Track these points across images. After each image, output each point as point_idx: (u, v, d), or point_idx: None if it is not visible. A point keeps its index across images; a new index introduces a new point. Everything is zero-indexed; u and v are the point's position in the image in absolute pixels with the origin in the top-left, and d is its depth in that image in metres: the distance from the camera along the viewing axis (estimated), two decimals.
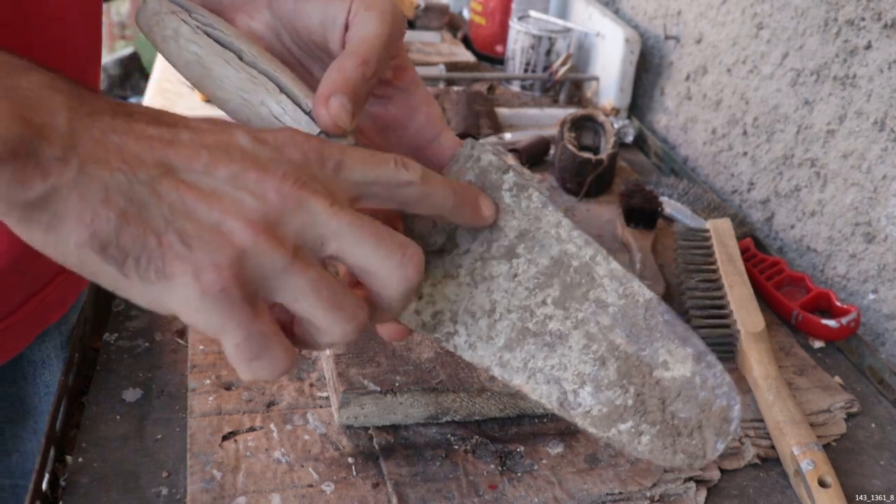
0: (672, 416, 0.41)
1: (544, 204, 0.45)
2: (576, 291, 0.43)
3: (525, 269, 0.44)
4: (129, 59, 3.13)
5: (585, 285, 0.43)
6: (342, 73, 0.40)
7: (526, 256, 0.44)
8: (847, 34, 0.78)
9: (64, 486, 0.51)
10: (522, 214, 0.45)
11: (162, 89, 1.06)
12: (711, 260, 0.75)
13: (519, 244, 0.44)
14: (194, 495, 0.51)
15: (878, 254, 0.76)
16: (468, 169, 0.46)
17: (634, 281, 0.43)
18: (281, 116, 0.41)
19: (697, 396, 0.41)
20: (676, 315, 0.42)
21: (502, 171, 0.45)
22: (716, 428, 0.41)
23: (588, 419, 0.41)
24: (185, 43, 0.41)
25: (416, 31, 1.32)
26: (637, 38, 1.11)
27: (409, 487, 0.52)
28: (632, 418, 0.41)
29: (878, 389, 0.68)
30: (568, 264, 0.44)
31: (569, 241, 0.44)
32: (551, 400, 0.41)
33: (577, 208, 0.91)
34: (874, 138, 0.75)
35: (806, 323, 0.73)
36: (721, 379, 0.41)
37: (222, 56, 0.41)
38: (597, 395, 0.42)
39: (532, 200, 0.45)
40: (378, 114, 0.47)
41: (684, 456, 0.40)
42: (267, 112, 0.41)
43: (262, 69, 0.41)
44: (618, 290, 0.43)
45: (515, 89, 1.21)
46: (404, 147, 0.48)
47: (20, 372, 0.63)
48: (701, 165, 1.05)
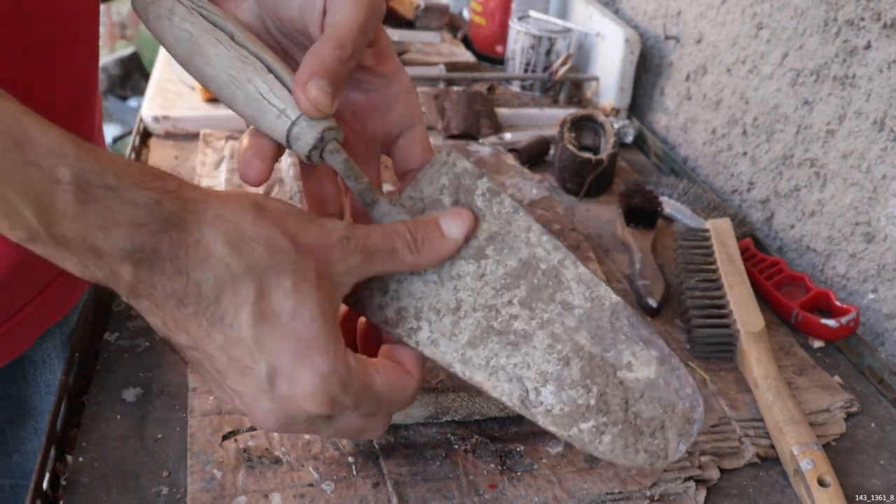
0: (635, 416, 0.42)
1: (515, 209, 0.46)
2: (543, 293, 0.44)
3: (493, 270, 0.45)
4: (129, 59, 3.13)
5: (552, 287, 0.44)
6: (319, 57, 0.41)
7: (495, 258, 0.45)
8: (847, 34, 0.78)
9: (64, 486, 0.51)
10: (493, 218, 0.46)
11: (162, 89, 1.06)
12: (711, 260, 0.75)
13: (488, 246, 0.45)
14: (194, 495, 0.51)
15: (878, 253, 0.76)
16: (443, 174, 0.47)
17: (601, 285, 0.44)
18: (267, 94, 0.42)
19: (661, 398, 0.42)
20: (641, 319, 0.43)
21: (476, 176, 0.47)
22: (679, 428, 0.42)
23: (549, 417, 0.41)
24: (179, 21, 0.42)
25: (416, 31, 1.32)
26: (637, 38, 1.11)
27: (410, 487, 0.53)
28: (594, 417, 0.42)
29: (877, 389, 0.68)
30: (536, 267, 0.45)
31: (538, 245, 0.45)
32: (512, 398, 0.42)
33: (577, 208, 0.91)
34: (874, 138, 0.76)
35: (805, 323, 0.73)
36: (685, 381, 0.42)
37: (214, 34, 0.42)
38: (559, 394, 0.42)
39: (504, 206, 0.46)
40: (358, 101, 0.48)
41: (646, 455, 0.41)
42: (253, 90, 0.42)
43: (251, 50, 0.42)
44: (584, 294, 0.44)
45: (515, 89, 1.21)
46: (380, 133, 0.49)
47: (21, 372, 0.63)
48: (701, 165, 1.05)
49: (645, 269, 0.77)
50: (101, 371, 0.61)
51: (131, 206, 0.34)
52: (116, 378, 0.60)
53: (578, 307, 0.44)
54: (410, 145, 0.49)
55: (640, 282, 0.76)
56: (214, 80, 0.42)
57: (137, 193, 0.34)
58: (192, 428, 0.56)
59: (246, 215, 0.37)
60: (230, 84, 0.42)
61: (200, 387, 0.59)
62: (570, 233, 0.79)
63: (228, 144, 0.94)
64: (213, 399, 0.58)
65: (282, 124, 0.42)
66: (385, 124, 0.48)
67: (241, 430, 0.56)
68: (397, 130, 0.48)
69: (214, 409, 0.57)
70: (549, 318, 0.44)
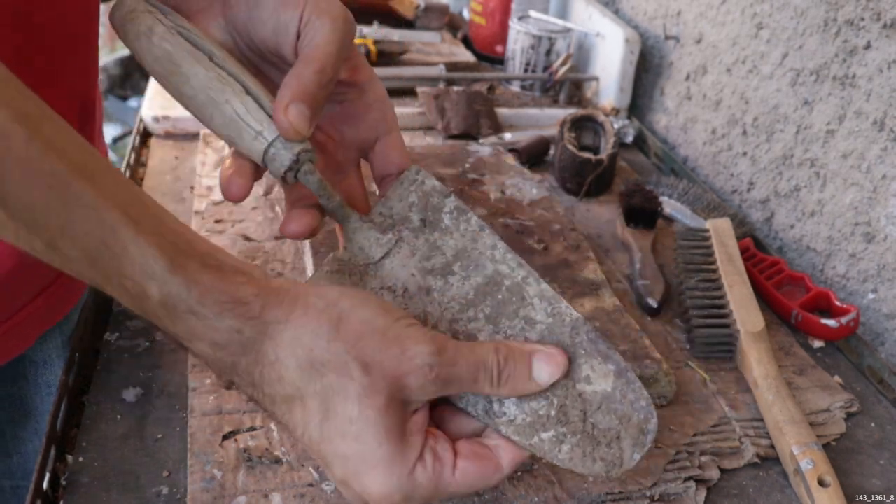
0: (593, 426, 0.44)
1: (482, 227, 0.48)
2: (507, 309, 0.46)
3: (459, 286, 0.46)
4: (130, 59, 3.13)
5: (516, 304, 0.46)
6: (300, 80, 0.42)
7: (461, 274, 0.47)
8: (846, 34, 0.78)
9: (65, 486, 0.51)
10: (461, 235, 0.47)
11: (162, 89, 1.05)
12: (711, 260, 0.75)
13: (455, 262, 0.47)
14: (194, 495, 0.51)
15: (878, 253, 0.76)
16: (412, 192, 0.49)
17: (562, 302, 0.46)
18: (244, 116, 0.42)
19: (617, 409, 0.43)
20: (599, 334, 0.44)
21: (444, 195, 0.48)
22: (633, 439, 0.43)
23: (512, 427, 0.43)
24: (158, 40, 0.43)
25: (416, 31, 1.32)
26: (637, 38, 1.11)
27: None
28: (554, 428, 0.43)
29: (877, 389, 0.68)
30: (501, 283, 0.46)
31: (503, 262, 0.47)
32: (477, 409, 0.43)
33: (577, 208, 0.91)
34: (874, 138, 0.76)
35: (805, 323, 0.73)
36: (639, 394, 0.44)
37: (193, 55, 0.43)
38: (521, 406, 0.43)
39: (470, 223, 0.48)
40: (334, 111, 0.49)
41: (602, 464, 0.43)
42: (230, 111, 0.42)
43: (230, 71, 0.43)
44: (546, 310, 0.46)
45: (515, 89, 1.21)
46: (357, 140, 0.49)
47: (21, 372, 0.63)
48: (701, 165, 1.05)
49: (645, 269, 0.77)
50: (101, 371, 0.61)
51: (213, 331, 0.37)
52: (116, 378, 0.60)
53: (540, 323, 0.45)
54: (387, 151, 0.49)
55: (640, 282, 0.76)
56: (192, 99, 0.43)
57: (220, 322, 0.37)
58: (192, 428, 0.56)
59: (321, 338, 0.38)
60: (208, 104, 0.43)
61: (200, 387, 0.59)
62: (570, 233, 0.79)
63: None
64: (213, 399, 0.58)
65: (258, 145, 0.43)
66: (361, 132, 0.49)
67: (241, 429, 0.56)
68: (373, 137, 0.49)
69: (214, 409, 0.57)
70: (512, 333, 0.45)
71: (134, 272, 0.35)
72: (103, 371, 0.61)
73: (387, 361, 0.38)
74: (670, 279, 0.78)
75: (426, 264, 0.47)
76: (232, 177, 0.44)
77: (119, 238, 0.35)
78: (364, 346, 0.38)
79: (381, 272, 0.47)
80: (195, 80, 0.42)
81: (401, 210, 0.48)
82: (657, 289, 0.75)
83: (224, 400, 0.58)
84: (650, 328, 0.72)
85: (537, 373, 0.43)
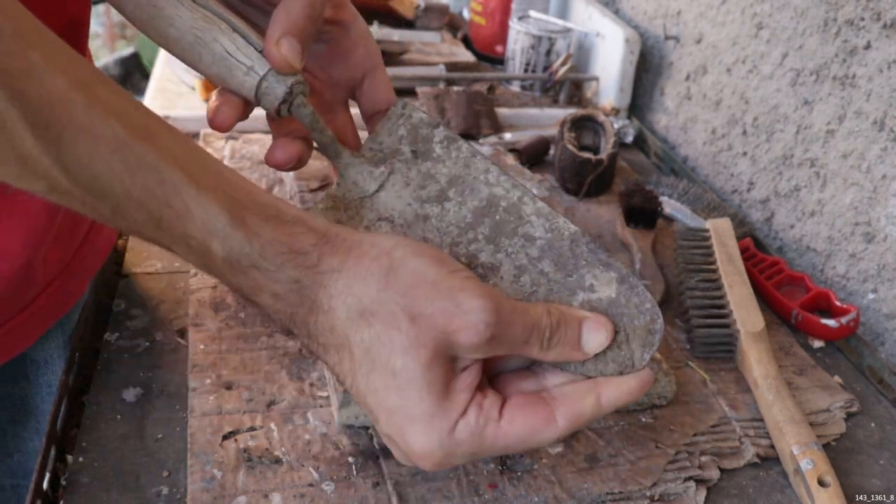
0: None
1: (473, 153, 0.48)
2: (505, 228, 0.46)
3: (456, 211, 0.47)
4: (129, 59, 3.13)
5: (514, 223, 0.46)
6: (289, 15, 0.43)
7: (457, 199, 0.47)
8: (846, 34, 0.78)
9: (65, 486, 0.51)
10: (453, 163, 0.48)
11: (162, 89, 1.06)
12: (711, 260, 0.75)
13: (450, 189, 0.48)
14: (194, 495, 0.51)
15: (878, 253, 0.76)
16: (400, 125, 0.49)
17: (559, 217, 0.46)
18: (234, 53, 0.43)
19: (623, 313, 0.44)
20: (599, 245, 0.45)
21: (433, 126, 0.49)
22: (641, 340, 0.44)
23: None
24: None
25: (416, 31, 1.32)
26: (637, 38, 1.11)
27: (410, 487, 0.53)
28: None
29: (877, 389, 0.68)
30: (497, 205, 0.47)
31: (497, 185, 0.47)
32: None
33: (577, 208, 0.91)
34: (874, 138, 0.76)
35: (805, 323, 0.73)
36: (644, 297, 0.44)
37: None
38: None
39: (461, 150, 0.48)
40: (320, 50, 0.50)
41: (615, 365, 0.43)
42: (220, 49, 0.43)
43: (213, 10, 0.43)
44: (545, 226, 0.46)
45: (515, 89, 1.21)
46: (344, 79, 0.50)
47: (22, 372, 0.63)
48: (701, 165, 1.05)
49: (645, 269, 0.77)
50: (101, 371, 0.61)
51: (274, 282, 0.38)
52: (116, 378, 0.60)
53: (540, 238, 0.46)
54: (374, 88, 0.50)
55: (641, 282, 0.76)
56: (178, 41, 0.43)
57: (281, 274, 0.38)
58: (192, 428, 0.56)
59: (371, 286, 0.38)
60: (195, 44, 0.43)
61: (200, 387, 0.59)
62: None
63: (228, 144, 0.94)
64: (213, 399, 0.58)
65: (250, 80, 0.43)
66: (347, 70, 0.50)
67: (241, 429, 0.56)
68: (360, 75, 0.50)
69: (214, 409, 0.57)
70: (513, 251, 0.46)
71: (197, 230, 0.36)
72: (103, 371, 0.61)
73: (437, 314, 0.37)
74: (670, 279, 0.78)
75: (421, 193, 0.47)
76: (220, 106, 0.45)
77: (182, 197, 0.35)
78: (414, 297, 0.37)
79: (376, 205, 0.47)
80: (179, 21, 0.43)
81: (391, 143, 0.49)
82: (657, 289, 0.75)
83: (224, 400, 0.58)
84: None
85: (586, 340, 0.42)
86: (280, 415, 0.57)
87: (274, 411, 0.58)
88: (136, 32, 3.40)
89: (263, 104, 0.45)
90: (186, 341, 0.64)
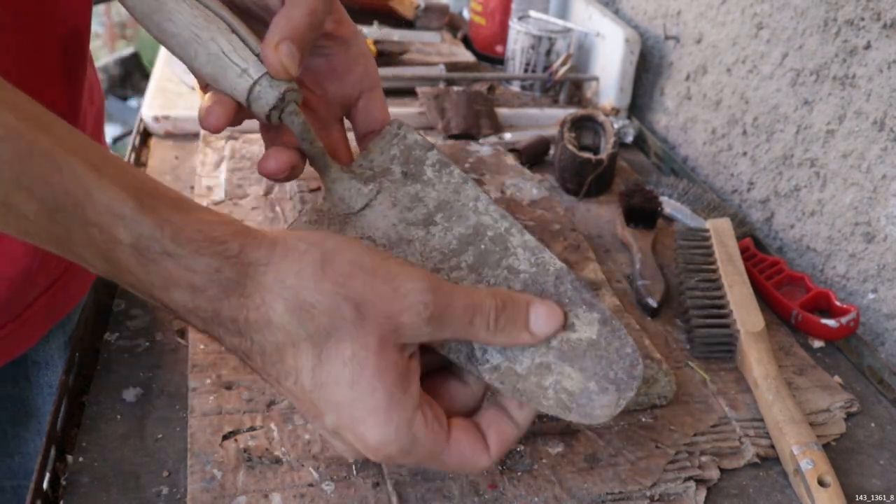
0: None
1: (465, 180, 0.48)
2: (490, 258, 0.46)
3: (441, 236, 0.46)
4: (129, 59, 3.13)
5: (499, 254, 0.46)
6: (290, 21, 0.42)
7: (443, 224, 0.47)
8: (846, 34, 0.78)
9: (65, 486, 0.52)
10: (443, 187, 0.48)
11: (162, 89, 1.06)
12: (711, 260, 0.75)
13: (437, 213, 0.47)
14: (194, 495, 0.51)
15: (878, 253, 0.76)
16: (394, 145, 0.49)
17: (546, 252, 0.46)
18: (230, 53, 0.42)
19: (603, 356, 0.43)
20: (583, 283, 0.44)
21: (426, 148, 0.49)
22: (619, 385, 0.43)
23: (495, 374, 0.43)
24: None
25: (416, 31, 1.32)
26: (637, 38, 1.11)
27: (410, 487, 0.53)
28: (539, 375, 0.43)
29: (877, 389, 0.68)
30: (483, 234, 0.46)
31: (486, 214, 0.47)
32: (459, 356, 0.43)
33: (577, 208, 0.91)
34: (874, 138, 0.76)
35: (805, 323, 0.73)
36: (625, 341, 0.43)
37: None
38: (504, 352, 0.43)
39: (453, 176, 0.48)
40: (319, 65, 0.49)
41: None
42: (216, 48, 0.42)
43: (214, 10, 0.43)
44: (530, 259, 0.46)
45: (515, 89, 1.21)
46: (340, 96, 0.50)
47: (23, 373, 0.63)
48: (701, 165, 1.05)
49: (645, 269, 0.77)
50: (101, 371, 0.61)
51: (189, 272, 0.35)
52: (116, 378, 0.60)
53: (524, 272, 0.45)
54: (370, 107, 0.50)
55: (640, 282, 0.76)
56: (176, 36, 0.43)
57: (196, 261, 0.35)
58: (192, 428, 0.56)
59: (308, 278, 0.36)
60: (192, 42, 0.43)
61: (200, 387, 0.59)
62: (570, 233, 0.79)
63: (228, 144, 0.94)
64: (213, 399, 0.58)
65: (244, 83, 0.43)
66: (344, 87, 0.49)
67: (241, 429, 0.56)
68: (356, 93, 0.50)
69: (214, 409, 0.57)
70: (495, 282, 0.45)
71: (100, 217, 0.33)
72: (103, 371, 0.61)
73: (378, 300, 0.37)
74: (670, 279, 0.78)
75: (407, 215, 0.46)
76: (212, 107, 0.43)
77: (81, 183, 0.33)
78: (353, 286, 0.37)
79: (361, 222, 0.46)
80: (179, 16, 0.42)
81: (382, 162, 0.48)
82: (657, 289, 0.75)
83: (224, 400, 0.58)
84: (650, 328, 0.72)
85: (534, 322, 0.42)
86: (280, 415, 0.57)
87: (274, 411, 0.58)
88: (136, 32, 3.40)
89: (254, 109, 0.44)
90: (186, 341, 0.64)
